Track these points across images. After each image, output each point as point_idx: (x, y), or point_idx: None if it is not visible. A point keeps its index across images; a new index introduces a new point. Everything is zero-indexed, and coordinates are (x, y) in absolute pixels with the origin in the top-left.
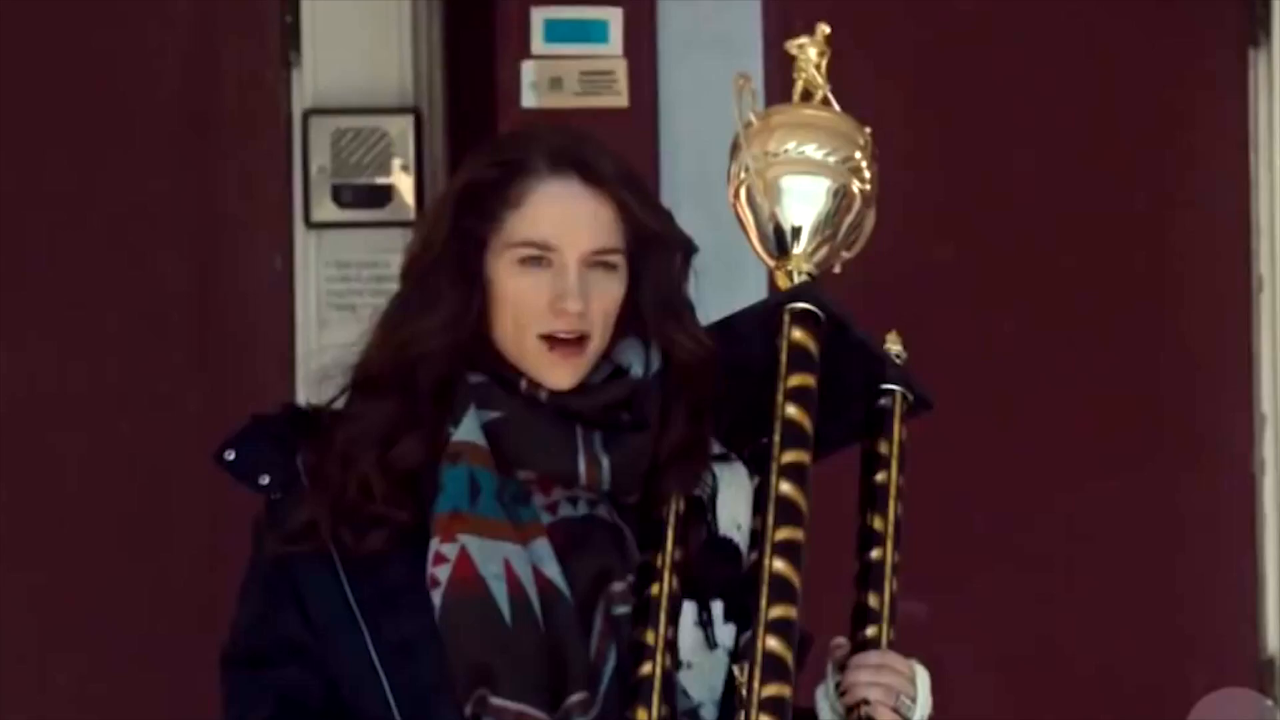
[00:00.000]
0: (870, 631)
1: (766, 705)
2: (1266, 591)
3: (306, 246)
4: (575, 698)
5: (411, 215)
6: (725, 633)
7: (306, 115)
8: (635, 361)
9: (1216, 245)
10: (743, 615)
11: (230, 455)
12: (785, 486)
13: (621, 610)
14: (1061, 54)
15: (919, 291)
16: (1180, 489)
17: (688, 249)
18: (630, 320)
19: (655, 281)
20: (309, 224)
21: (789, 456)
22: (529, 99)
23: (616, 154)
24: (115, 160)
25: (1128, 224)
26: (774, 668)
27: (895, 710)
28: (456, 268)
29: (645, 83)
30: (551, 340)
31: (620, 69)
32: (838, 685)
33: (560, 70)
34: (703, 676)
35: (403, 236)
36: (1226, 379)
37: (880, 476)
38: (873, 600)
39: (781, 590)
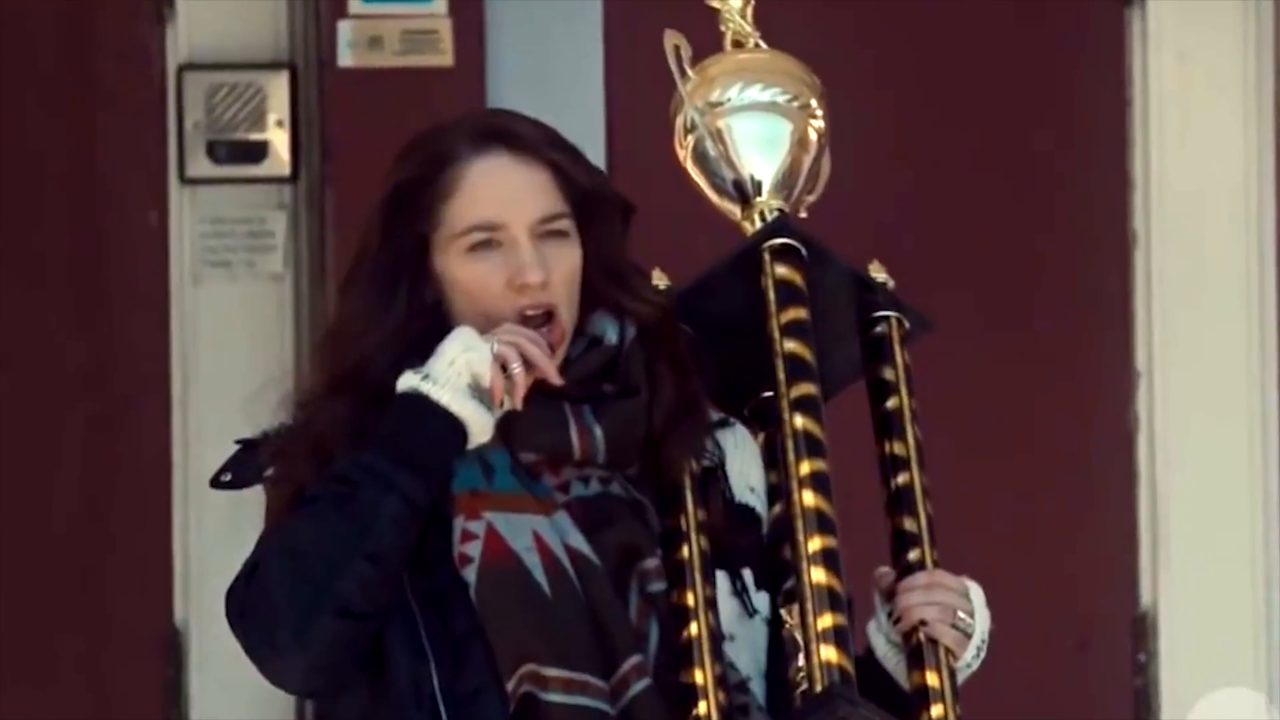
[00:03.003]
0: (913, 555)
1: (825, 636)
2: (1140, 546)
3: (181, 203)
4: (631, 662)
5: (286, 171)
6: (761, 600)
7: (181, 71)
8: (609, 330)
9: (1094, 201)
10: (773, 580)
11: (227, 478)
12: (800, 420)
13: (657, 587)
14: (954, 13)
15: None
16: (1058, 444)
17: (627, 209)
18: (585, 290)
19: (599, 246)
20: (183, 180)
21: (797, 391)
22: (345, 59)
23: (539, 120)
24: None
25: (1008, 180)
26: (825, 599)
27: (954, 628)
28: (394, 274)
29: (472, 41)
30: (523, 319)
31: (445, 28)
32: (889, 614)
33: (380, 29)
34: (746, 648)
35: (278, 192)
36: (1104, 334)
37: (892, 402)
38: (908, 524)
39: (816, 523)
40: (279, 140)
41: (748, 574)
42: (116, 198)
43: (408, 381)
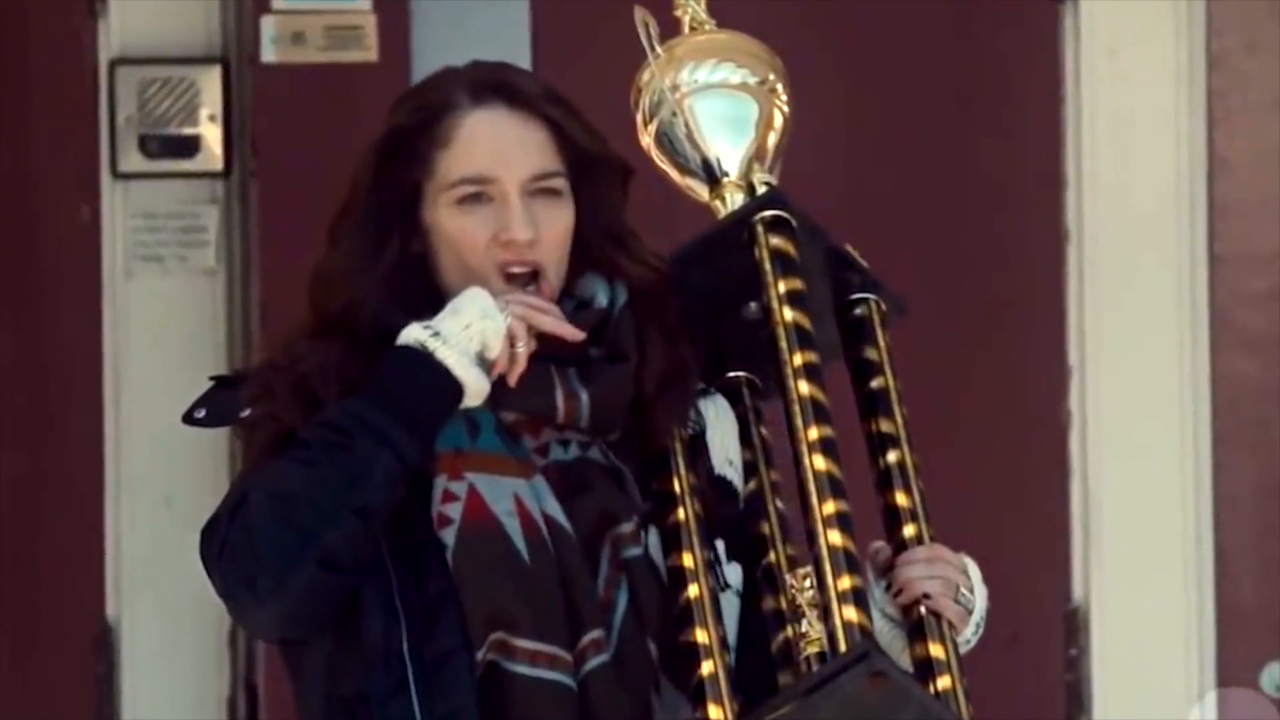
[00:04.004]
0: (909, 530)
1: (846, 598)
2: (1073, 541)
3: (114, 197)
4: (591, 635)
5: (219, 166)
6: (733, 572)
7: (113, 65)
8: (600, 292)
9: (1027, 198)
10: (746, 553)
11: (201, 414)
12: (805, 387)
13: (633, 552)
14: (887, 10)
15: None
16: (990, 439)
17: (626, 171)
18: (581, 252)
19: (596, 207)
20: (116, 174)
21: (800, 358)
22: (269, 54)
23: (542, 79)
24: None
25: (940, 176)
26: (843, 560)
27: (955, 603)
28: (385, 220)
29: (397, 37)
30: (507, 277)
31: (369, 23)
32: (887, 588)
33: (304, 25)
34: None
35: (211, 187)
36: (1037, 330)
37: (877, 382)
38: (901, 499)
39: (829, 487)
40: (211, 135)
41: (720, 545)
42: (48, 192)
43: (414, 335)
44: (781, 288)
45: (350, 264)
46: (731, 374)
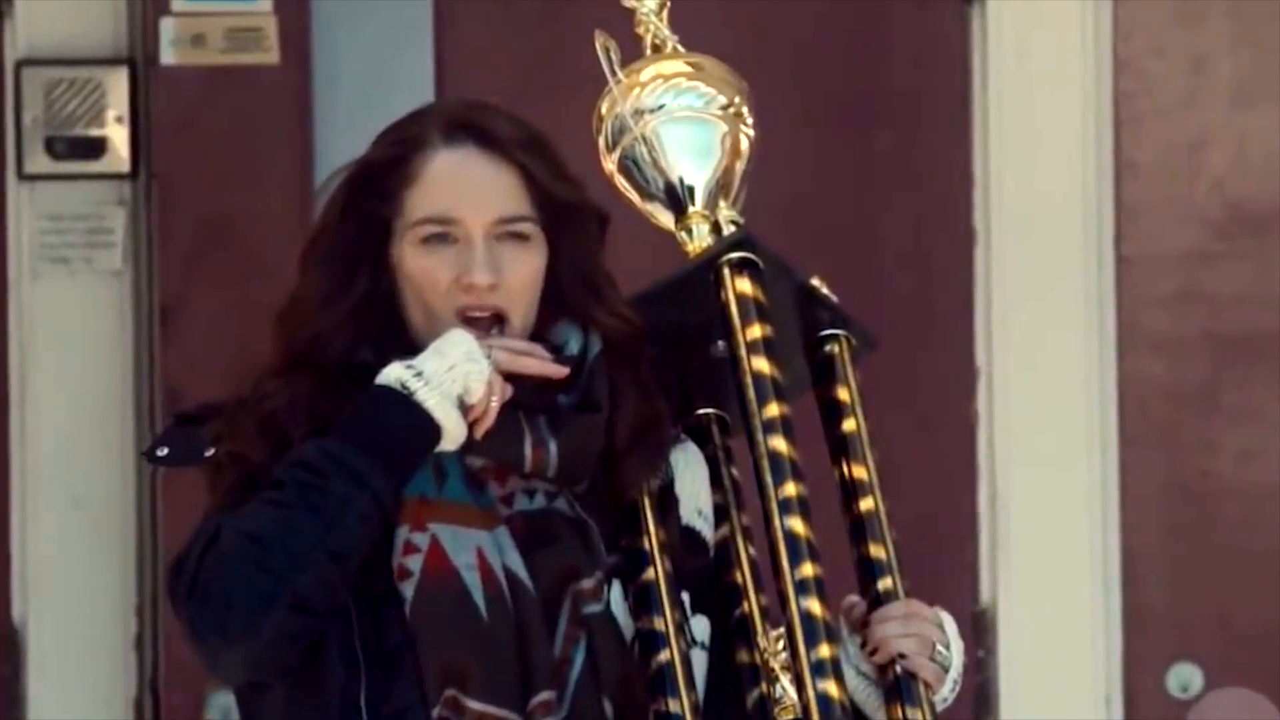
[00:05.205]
0: (884, 584)
1: (821, 669)
2: (980, 543)
3: (19, 199)
4: (541, 697)
5: (126, 167)
6: (699, 626)
7: (19, 66)
8: (573, 339)
9: (935, 199)
10: (713, 606)
11: (163, 452)
12: (775, 442)
13: (593, 609)
14: (796, 9)
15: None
16: (898, 441)
17: (602, 219)
18: (555, 298)
19: (570, 256)
20: (21, 176)
21: (770, 411)
22: (168, 56)
23: (523, 120)
24: None
25: (849, 176)
26: (817, 629)
27: (932, 660)
28: (355, 254)
29: (298, 38)
30: (466, 320)
31: (270, 25)
32: (862, 645)
33: (203, 27)
34: None
35: (117, 188)
36: (944, 331)
37: (848, 425)
38: (875, 551)
39: (801, 548)
40: (118, 136)
41: (685, 598)
42: None
43: (396, 374)
44: (749, 335)
45: (317, 297)
46: (700, 411)
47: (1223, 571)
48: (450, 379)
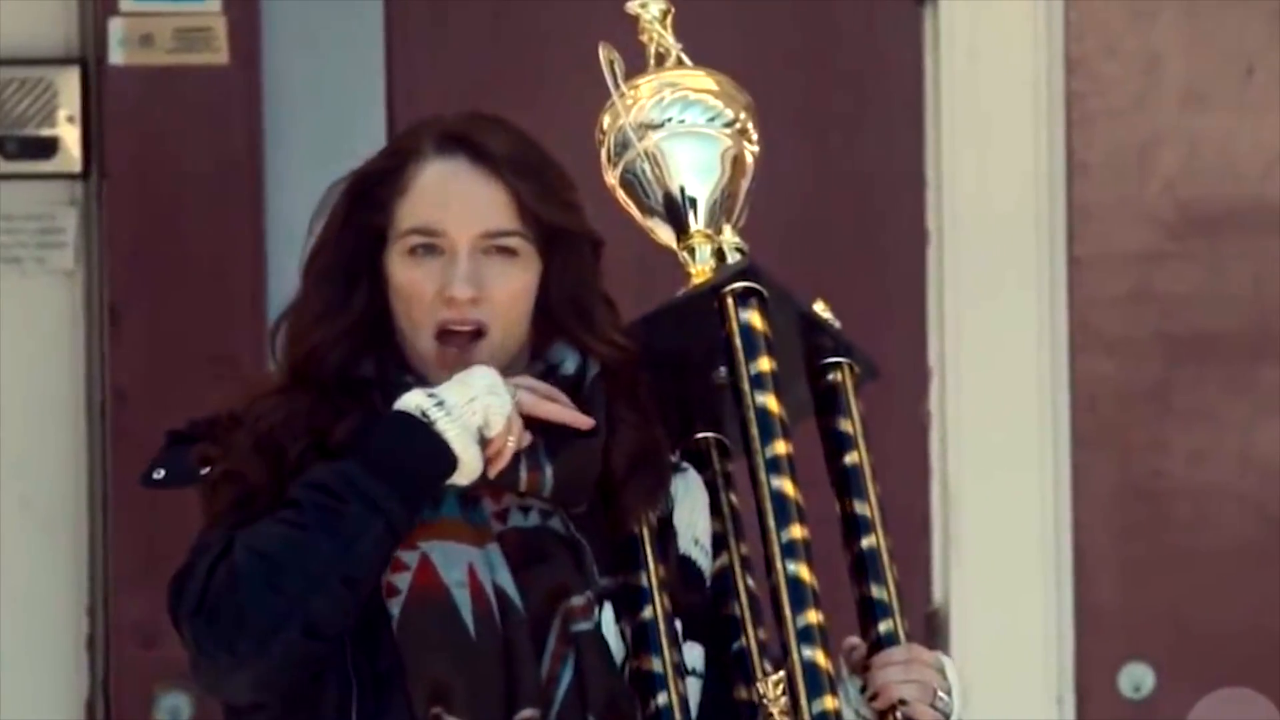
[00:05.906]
0: (884, 626)
1: None
2: (933, 543)
3: None
4: (524, 714)
5: (78, 168)
6: (693, 655)
7: None
8: (568, 359)
9: (887, 199)
10: (708, 635)
11: (160, 475)
12: (779, 482)
13: (582, 627)
14: (749, 9)
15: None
16: None
17: (595, 242)
18: (550, 318)
19: (559, 279)
20: None
21: (774, 449)
22: (117, 56)
23: (526, 137)
24: None
25: (801, 176)
26: (820, 680)
27: (933, 707)
28: (352, 266)
29: (248, 39)
30: (444, 334)
31: (219, 25)
32: (862, 689)
33: (152, 27)
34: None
35: (69, 188)
36: (896, 331)
37: (851, 458)
38: (877, 592)
39: (803, 595)
40: (70, 136)
41: (678, 626)
42: None
43: (416, 402)
44: (753, 369)
45: (316, 310)
46: (700, 435)
47: (1174, 571)
48: (470, 410)
